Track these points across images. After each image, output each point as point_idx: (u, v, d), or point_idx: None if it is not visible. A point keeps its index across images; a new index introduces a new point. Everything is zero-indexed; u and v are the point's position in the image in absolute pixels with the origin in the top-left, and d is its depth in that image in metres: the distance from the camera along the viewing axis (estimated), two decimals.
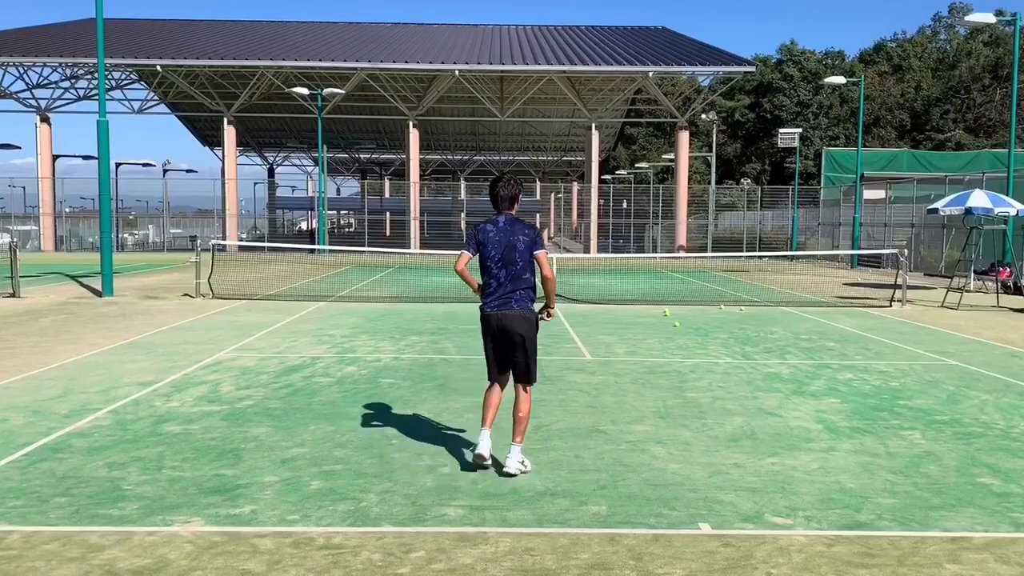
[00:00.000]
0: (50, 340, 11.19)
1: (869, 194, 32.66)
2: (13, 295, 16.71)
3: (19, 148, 54.26)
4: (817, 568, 4.15)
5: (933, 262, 27.51)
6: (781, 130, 43.34)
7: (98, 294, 17.34)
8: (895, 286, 17.43)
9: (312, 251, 35.37)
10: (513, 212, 5.77)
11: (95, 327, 12.54)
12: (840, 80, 31.32)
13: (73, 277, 21.90)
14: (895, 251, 19.87)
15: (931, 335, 12.77)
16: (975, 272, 19.73)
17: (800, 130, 43.81)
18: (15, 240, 19.36)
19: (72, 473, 5.49)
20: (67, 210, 46.81)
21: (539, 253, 5.61)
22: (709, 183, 48.19)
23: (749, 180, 56.49)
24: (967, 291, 17.31)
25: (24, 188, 50.86)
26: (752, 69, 42.15)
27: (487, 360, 5.75)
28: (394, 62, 37.34)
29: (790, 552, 4.35)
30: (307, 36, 44.99)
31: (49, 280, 21.10)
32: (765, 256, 33.69)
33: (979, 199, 18.42)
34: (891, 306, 16.66)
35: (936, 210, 20.17)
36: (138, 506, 4.89)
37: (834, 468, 5.80)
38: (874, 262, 29.65)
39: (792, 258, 33.92)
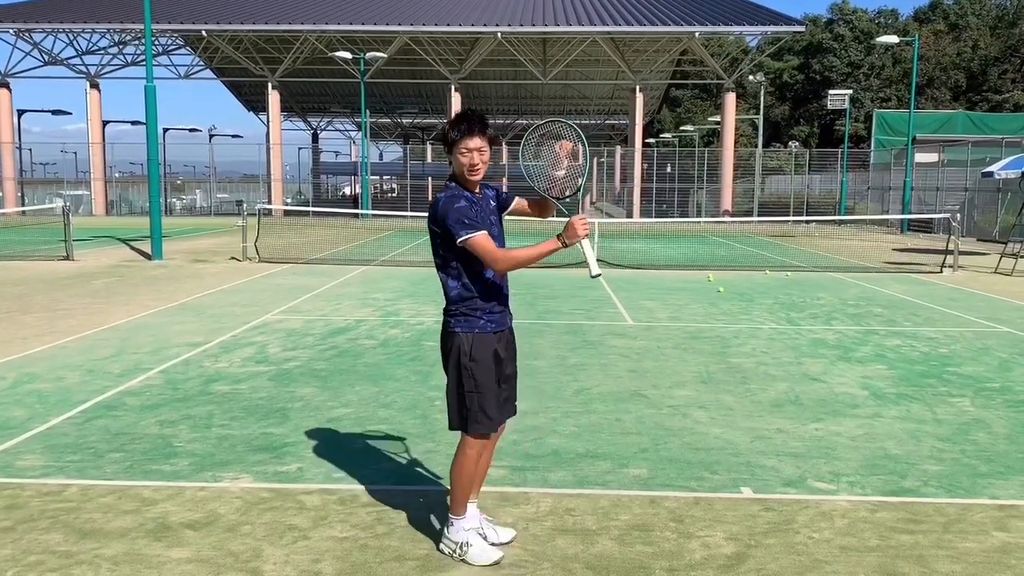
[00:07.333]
0: (103, 302, 11.47)
1: (921, 157, 31.81)
2: (67, 258, 17.16)
3: (70, 114, 55.55)
4: (860, 533, 4.13)
5: (987, 227, 26.79)
6: (831, 92, 42.30)
7: (148, 257, 17.71)
8: (946, 251, 17.04)
9: (356, 216, 35.61)
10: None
11: (146, 289, 12.82)
12: (893, 39, 30.36)
13: (124, 241, 22.37)
14: (947, 216, 19.39)
15: (983, 301, 12.48)
16: None
17: (850, 92, 42.68)
18: (68, 204, 19.79)
19: (126, 430, 5.66)
20: (117, 175, 47.59)
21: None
22: (756, 146, 47.32)
23: (797, 143, 55.31)
24: (1022, 257, 16.87)
25: (75, 153, 51.87)
26: (802, 29, 41.05)
27: (494, 399, 3.73)
28: (436, 25, 37.10)
29: (833, 517, 4.32)
30: None
31: (101, 244, 21.59)
32: (812, 221, 33.11)
33: None
34: (942, 272, 16.30)
35: (991, 173, 19.64)
36: (189, 462, 5.03)
37: (879, 434, 5.73)
38: (925, 227, 28.98)
39: (840, 223, 33.29)
